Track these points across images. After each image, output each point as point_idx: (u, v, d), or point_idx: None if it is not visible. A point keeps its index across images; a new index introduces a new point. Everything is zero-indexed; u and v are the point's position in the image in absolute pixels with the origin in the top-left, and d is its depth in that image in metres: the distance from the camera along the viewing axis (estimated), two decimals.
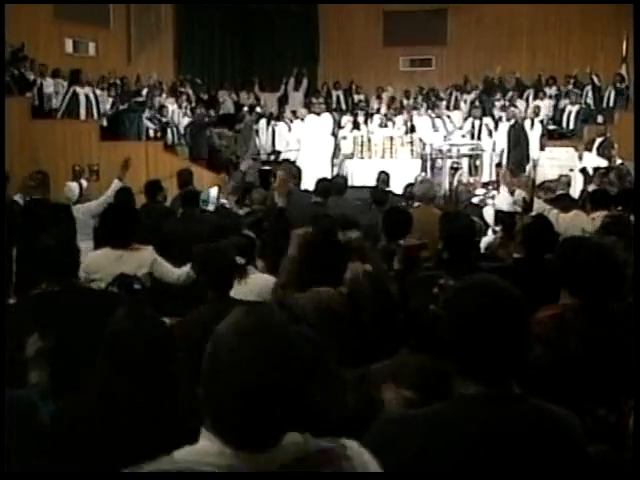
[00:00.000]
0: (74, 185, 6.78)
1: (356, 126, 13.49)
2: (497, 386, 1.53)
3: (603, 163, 11.06)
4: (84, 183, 6.94)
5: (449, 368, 1.60)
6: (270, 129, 14.26)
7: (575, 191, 9.36)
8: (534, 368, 2.38)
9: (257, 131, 14.22)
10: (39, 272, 3.11)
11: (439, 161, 11.92)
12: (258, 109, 14.96)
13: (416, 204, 6.03)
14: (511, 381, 1.54)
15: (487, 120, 13.61)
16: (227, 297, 3.30)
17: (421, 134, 13.02)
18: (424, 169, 11.82)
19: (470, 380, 1.54)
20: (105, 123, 12.52)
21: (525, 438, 1.49)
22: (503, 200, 7.04)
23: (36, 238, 3.12)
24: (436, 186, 7.06)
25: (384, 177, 8.37)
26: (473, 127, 13.40)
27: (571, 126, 14.37)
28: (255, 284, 3.93)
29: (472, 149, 12.46)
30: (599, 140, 12.39)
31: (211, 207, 7.95)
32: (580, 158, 11.59)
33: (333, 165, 12.55)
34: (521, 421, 1.50)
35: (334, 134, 12.84)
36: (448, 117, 13.75)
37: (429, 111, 14.01)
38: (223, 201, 7.82)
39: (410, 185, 7.70)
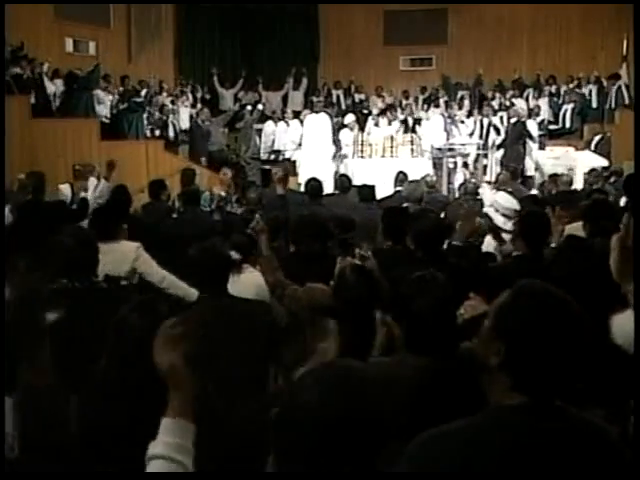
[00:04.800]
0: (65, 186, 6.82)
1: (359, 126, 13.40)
2: (543, 398, 1.48)
3: (603, 162, 11.04)
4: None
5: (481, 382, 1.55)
6: (270, 128, 14.26)
7: None
8: None
9: (258, 130, 14.21)
10: (59, 269, 3.13)
11: (448, 160, 11.92)
12: (260, 107, 14.94)
13: (404, 204, 6.01)
14: (554, 392, 1.50)
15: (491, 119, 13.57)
16: (225, 294, 3.30)
17: (431, 135, 12.93)
18: (437, 168, 11.80)
19: (519, 393, 1.48)
20: (108, 117, 12.54)
21: (567, 450, 1.44)
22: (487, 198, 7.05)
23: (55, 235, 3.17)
24: (423, 186, 7.05)
25: (402, 177, 8.22)
26: (482, 126, 13.33)
27: (567, 124, 14.34)
28: (252, 281, 3.92)
29: (477, 148, 12.45)
30: (597, 138, 12.40)
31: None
32: (578, 158, 11.57)
33: (338, 164, 12.49)
34: (563, 433, 1.45)
35: (334, 133, 12.75)
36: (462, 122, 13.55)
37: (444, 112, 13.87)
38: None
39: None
